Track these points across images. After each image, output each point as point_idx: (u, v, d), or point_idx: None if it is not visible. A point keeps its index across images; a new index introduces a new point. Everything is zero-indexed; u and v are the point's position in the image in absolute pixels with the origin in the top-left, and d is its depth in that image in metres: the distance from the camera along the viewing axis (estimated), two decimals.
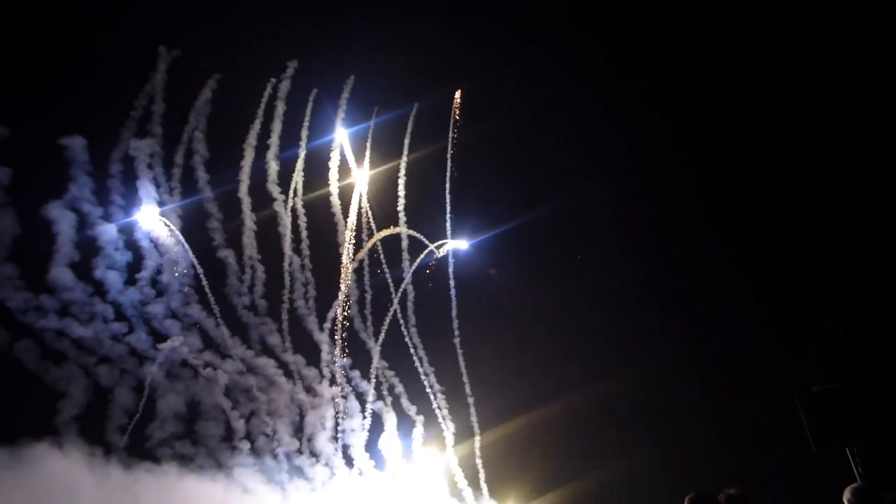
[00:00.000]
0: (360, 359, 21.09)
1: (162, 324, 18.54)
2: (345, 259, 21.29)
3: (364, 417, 20.46)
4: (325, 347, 20.62)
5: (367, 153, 21.29)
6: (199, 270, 19.28)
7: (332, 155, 21.08)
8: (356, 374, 20.87)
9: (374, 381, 20.94)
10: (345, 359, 20.81)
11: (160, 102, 19.14)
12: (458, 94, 21.54)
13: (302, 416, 19.50)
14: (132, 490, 16.19)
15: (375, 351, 21.22)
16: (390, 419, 20.80)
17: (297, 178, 20.87)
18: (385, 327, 21.48)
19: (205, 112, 19.73)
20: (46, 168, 17.72)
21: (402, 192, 21.69)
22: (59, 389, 16.38)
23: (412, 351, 21.65)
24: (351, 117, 20.92)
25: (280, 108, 20.39)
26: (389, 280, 21.64)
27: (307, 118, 20.68)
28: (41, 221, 17.15)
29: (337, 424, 20.04)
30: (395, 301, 21.59)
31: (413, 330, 21.74)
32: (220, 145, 20.01)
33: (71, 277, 17.45)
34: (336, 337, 20.80)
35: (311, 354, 20.50)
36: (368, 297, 21.40)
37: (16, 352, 16.00)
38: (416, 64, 19.87)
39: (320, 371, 20.43)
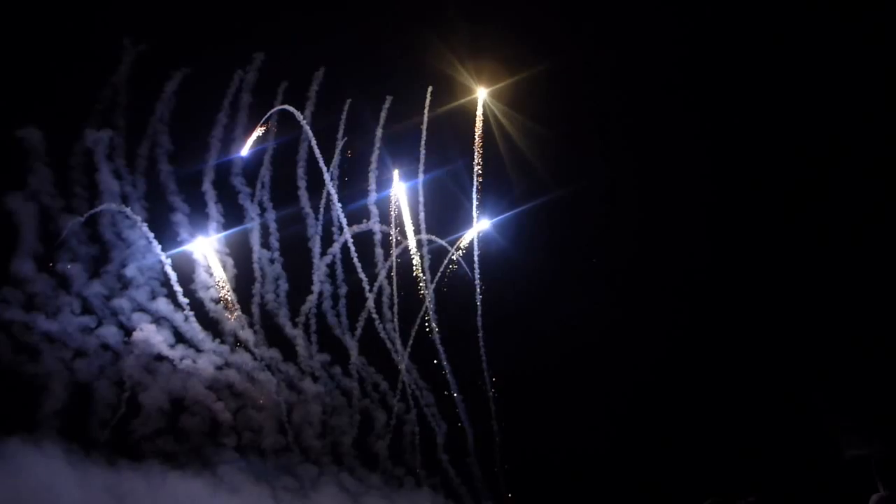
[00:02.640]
0: (337, 355, 21.71)
1: (130, 318, 18.64)
2: (315, 253, 22.13)
3: (352, 415, 20.94)
4: (300, 342, 21.15)
5: (338, 145, 22.56)
6: (167, 263, 19.60)
7: (300, 147, 22.23)
8: (337, 370, 21.43)
9: (356, 377, 21.55)
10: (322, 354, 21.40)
11: (124, 95, 19.84)
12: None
13: (288, 412, 19.80)
14: (115, 491, 15.93)
15: (353, 347, 21.90)
16: (379, 416, 21.42)
17: (265, 171, 21.82)
18: (361, 323, 22.29)
19: (170, 105, 20.53)
20: (4, 160, 17.88)
21: (372, 186, 23.00)
22: (30, 383, 16.20)
23: (390, 346, 22.49)
24: (321, 109, 22.23)
25: (246, 100, 21.48)
26: (362, 275, 22.56)
27: (276, 110, 21.84)
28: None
29: (324, 422, 20.41)
30: (370, 296, 22.50)
31: (390, 325, 22.64)
32: (184, 138, 20.75)
33: (33, 269, 17.49)
34: (311, 332, 21.41)
35: (286, 350, 21.01)
36: (343, 291, 22.19)
37: None
38: (389, 56, 21.61)
39: (299, 367, 20.88)
